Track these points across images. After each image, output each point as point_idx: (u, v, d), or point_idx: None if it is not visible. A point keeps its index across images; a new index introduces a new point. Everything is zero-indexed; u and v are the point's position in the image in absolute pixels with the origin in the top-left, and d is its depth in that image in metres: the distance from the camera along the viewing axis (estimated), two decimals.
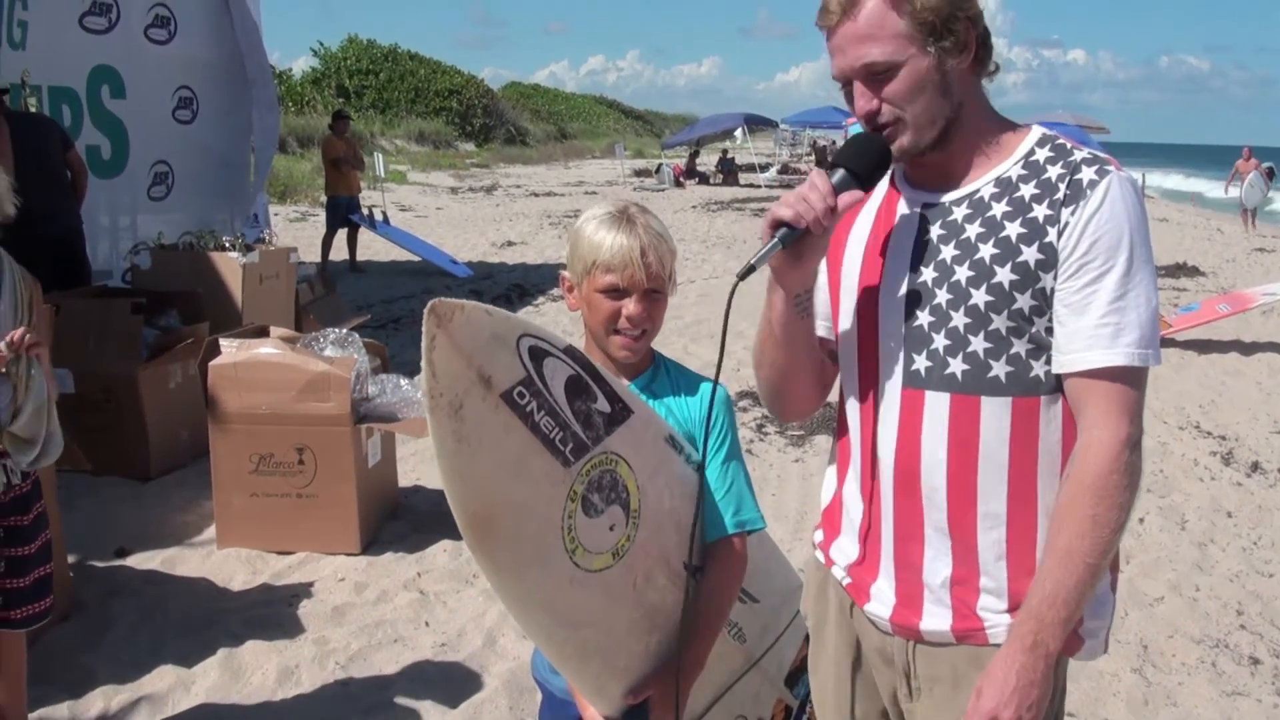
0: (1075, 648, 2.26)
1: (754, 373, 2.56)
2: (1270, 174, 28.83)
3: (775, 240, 2.18)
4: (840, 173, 2.21)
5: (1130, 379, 2.12)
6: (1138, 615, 5.54)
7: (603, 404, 2.33)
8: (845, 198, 2.19)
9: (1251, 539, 6.70)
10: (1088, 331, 2.11)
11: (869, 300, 2.31)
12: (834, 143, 52.36)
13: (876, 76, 2.16)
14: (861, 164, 2.22)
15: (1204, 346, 12.02)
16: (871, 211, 2.37)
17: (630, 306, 2.55)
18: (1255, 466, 8.07)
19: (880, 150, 2.23)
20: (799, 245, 2.19)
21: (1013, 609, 2.22)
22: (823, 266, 2.42)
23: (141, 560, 5.85)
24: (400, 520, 6.49)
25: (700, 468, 2.58)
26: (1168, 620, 5.52)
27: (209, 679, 4.67)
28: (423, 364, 2.05)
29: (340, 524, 5.96)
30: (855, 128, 2.30)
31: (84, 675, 4.66)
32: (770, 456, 7.93)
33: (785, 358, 2.45)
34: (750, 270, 2.20)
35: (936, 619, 2.29)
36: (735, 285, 2.28)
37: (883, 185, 2.35)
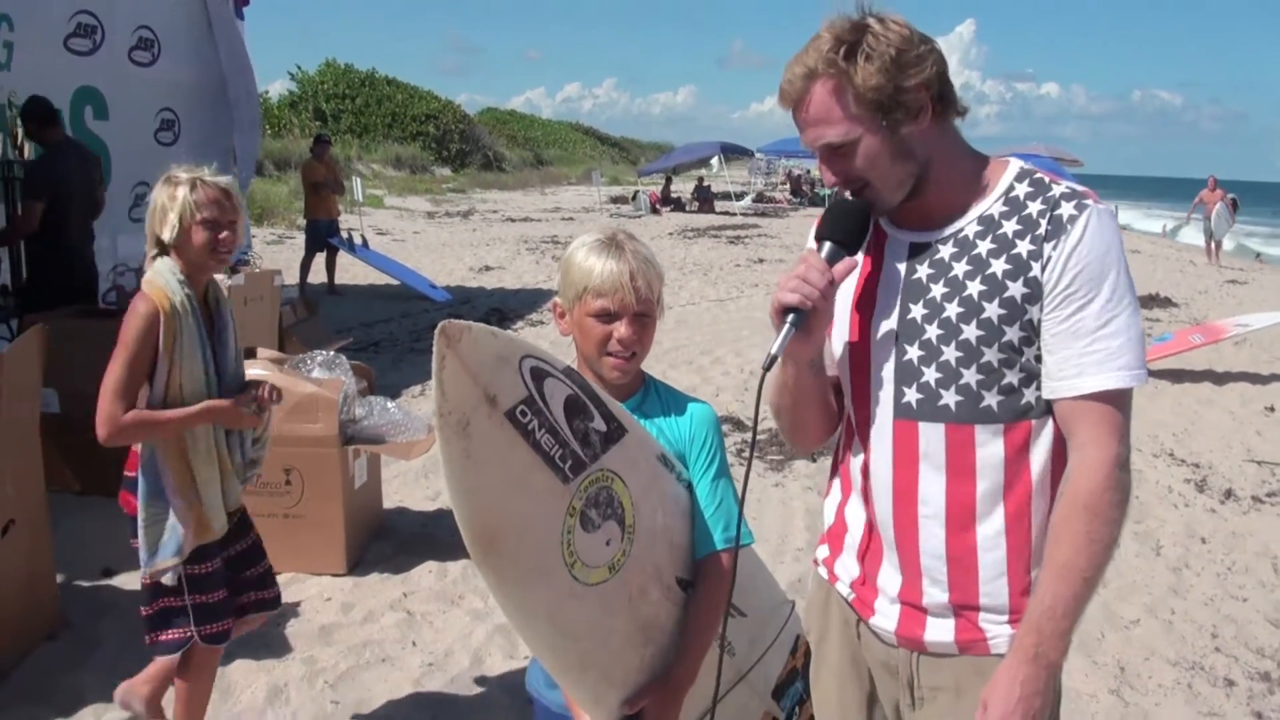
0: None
1: (772, 417, 2.66)
2: (1234, 205, 28.37)
3: (789, 326, 2.28)
4: (828, 246, 2.34)
5: (1118, 401, 2.22)
6: (1115, 638, 5.63)
7: (599, 423, 2.40)
8: (840, 268, 2.32)
9: (1225, 564, 6.80)
10: (1076, 358, 2.21)
11: (862, 337, 2.42)
12: (808, 171, 52.66)
13: (836, 153, 2.27)
14: (846, 234, 2.34)
15: (1177, 376, 12.16)
16: (861, 253, 2.46)
17: (621, 329, 2.62)
18: (1228, 494, 8.19)
19: (860, 216, 2.35)
20: (807, 323, 2.30)
21: (1013, 621, 2.32)
22: None
23: (128, 580, 5.84)
24: (385, 541, 6.53)
25: (690, 486, 2.66)
26: (1144, 643, 5.61)
27: None
28: (434, 383, 2.11)
29: (327, 544, 6.00)
30: None
31: (73, 694, 4.68)
32: (750, 480, 7.96)
33: (804, 409, 2.57)
34: (774, 361, 2.32)
35: (940, 631, 2.39)
36: (763, 377, 2.39)
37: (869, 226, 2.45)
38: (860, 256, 2.43)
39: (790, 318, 2.28)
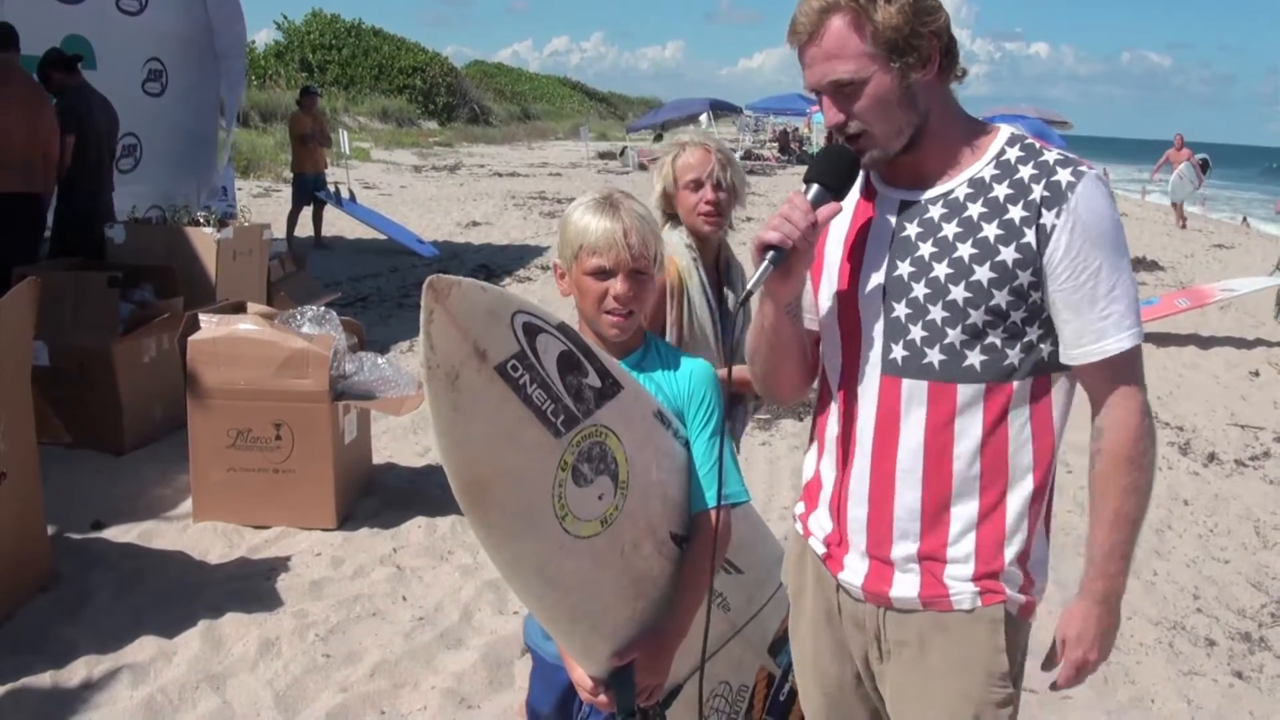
0: (1029, 613, 2.47)
1: (747, 365, 2.70)
2: (1204, 166, 27.09)
3: (766, 263, 2.33)
4: (815, 188, 2.37)
5: (1134, 356, 2.33)
6: None
7: (594, 379, 2.43)
8: (824, 211, 2.35)
9: (1207, 526, 6.88)
10: (1094, 324, 2.28)
11: (849, 293, 2.45)
12: (796, 129, 52.51)
13: (843, 91, 2.29)
14: (833, 178, 2.38)
15: (1163, 340, 12.24)
16: (849, 209, 2.50)
17: (617, 286, 2.67)
18: (1212, 457, 8.27)
19: (849, 162, 2.37)
20: (787, 262, 2.34)
21: (978, 578, 2.40)
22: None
23: (118, 533, 5.90)
24: (374, 496, 6.56)
25: (687, 443, 2.70)
26: (1127, 602, 5.56)
27: (190, 650, 4.73)
28: (421, 336, 2.14)
29: (317, 499, 6.03)
30: (817, 116, 2.43)
31: (65, 646, 4.71)
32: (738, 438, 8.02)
33: (779, 356, 2.61)
34: (749, 295, 2.39)
35: (905, 587, 2.45)
36: (738, 307, 2.44)
37: (860, 182, 2.49)
38: (853, 199, 2.48)
39: (769, 255, 2.33)
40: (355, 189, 19.62)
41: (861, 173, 2.46)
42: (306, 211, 16.97)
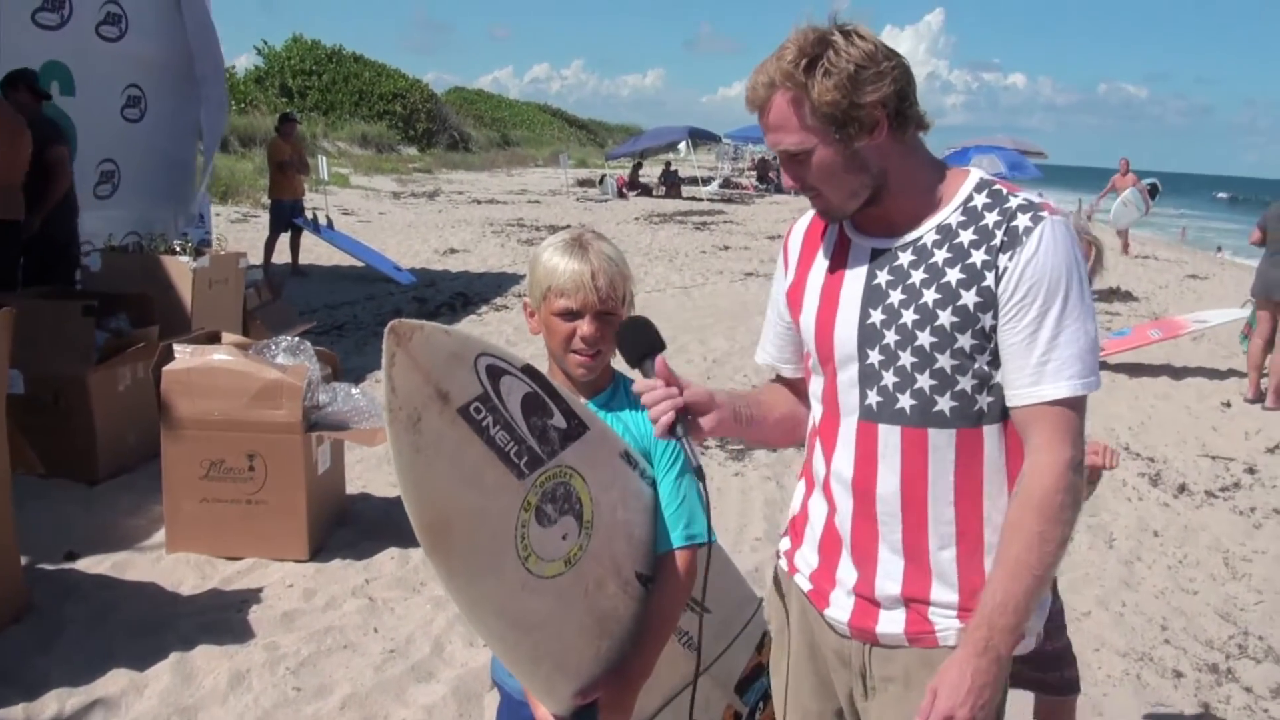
0: (1012, 649, 2.42)
1: None
2: (1152, 191, 26.54)
3: (681, 436, 2.46)
4: (643, 365, 2.52)
5: (1072, 406, 2.31)
6: (1066, 629, 5.72)
7: (559, 420, 2.45)
8: (659, 369, 2.48)
9: (1177, 557, 6.93)
10: (1033, 368, 2.29)
11: (827, 341, 2.50)
12: (775, 158, 52.58)
13: (793, 159, 2.38)
14: (643, 347, 2.53)
15: (1135, 370, 12.33)
16: (825, 257, 2.56)
17: (584, 328, 2.68)
18: (1182, 488, 8.32)
19: (639, 325, 2.57)
20: (690, 417, 2.48)
21: (961, 615, 2.41)
22: (787, 311, 2.66)
23: (91, 564, 5.88)
24: (348, 527, 6.56)
25: (654, 483, 2.72)
26: (1095, 634, 5.72)
27: (161, 682, 4.73)
28: (383, 379, 2.16)
29: (289, 530, 6.03)
30: None
31: (38, 677, 4.70)
32: (710, 469, 8.04)
33: (757, 438, 2.80)
34: (698, 469, 2.54)
35: (891, 624, 2.48)
36: (700, 479, 2.60)
37: (834, 230, 2.56)
38: (829, 248, 2.55)
39: (678, 430, 2.44)
40: (334, 215, 19.65)
41: (838, 222, 2.53)
42: (284, 238, 16.97)
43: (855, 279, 2.47)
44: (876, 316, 2.41)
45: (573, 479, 2.47)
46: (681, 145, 46.32)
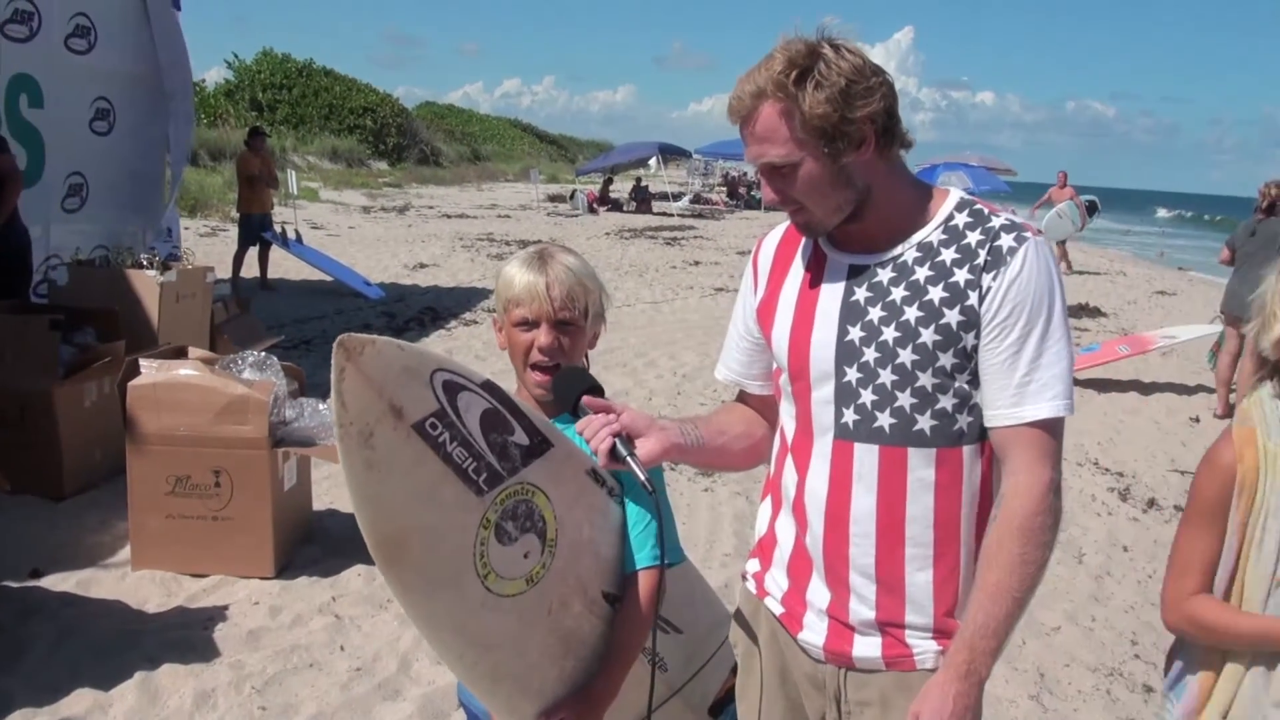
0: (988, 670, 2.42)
1: None
2: (1090, 208, 25.91)
3: (627, 459, 2.48)
4: (579, 406, 2.57)
5: (1051, 428, 2.30)
6: (1035, 644, 5.73)
7: (521, 437, 2.43)
8: (595, 404, 2.54)
9: (1147, 572, 6.94)
10: (1013, 389, 2.29)
11: (801, 357, 2.47)
12: (745, 174, 52.82)
13: (777, 173, 2.34)
14: (577, 392, 2.59)
15: (1104, 386, 12.39)
16: (800, 272, 2.53)
17: (540, 337, 2.69)
18: (1151, 503, 8.35)
19: (580, 374, 2.64)
20: (629, 441, 2.49)
21: (938, 637, 2.40)
22: (757, 327, 2.64)
23: (56, 581, 5.81)
24: (314, 544, 6.51)
25: (623, 501, 2.69)
26: (1064, 649, 5.72)
27: (126, 702, 4.67)
28: (332, 394, 2.14)
29: (255, 547, 5.98)
30: None
31: (2, 697, 4.64)
32: (680, 485, 8.04)
33: (716, 464, 2.85)
34: (651, 489, 2.50)
35: (867, 647, 2.46)
36: (654, 497, 2.56)
37: (809, 245, 2.54)
38: (802, 264, 2.54)
39: (619, 452, 2.46)
40: (303, 230, 19.54)
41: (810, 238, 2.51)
42: (253, 252, 16.87)
43: (832, 295, 2.44)
44: (855, 333, 2.39)
45: (535, 496, 2.45)
46: (652, 161, 46.42)
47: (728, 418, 2.80)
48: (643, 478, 2.44)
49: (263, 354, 6.30)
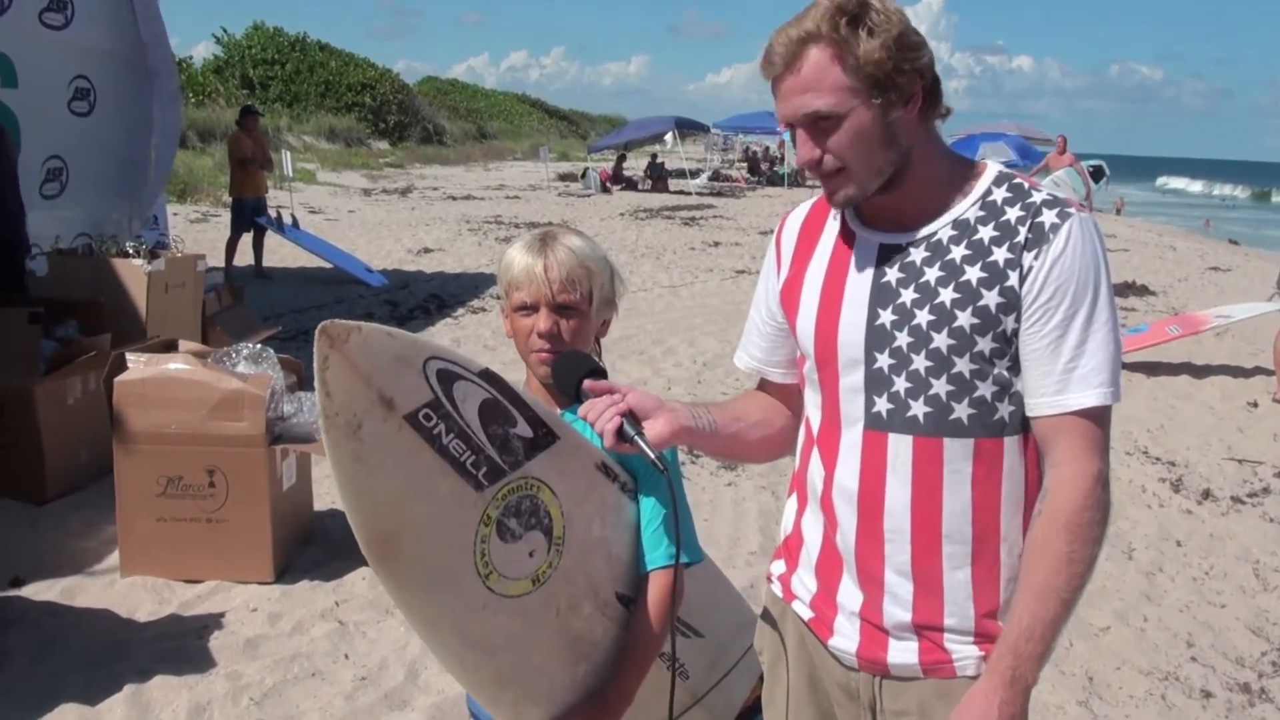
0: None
1: None
2: (1096, 174, 25.78)
3: (636, 440, 2.43)
4: (582, 391, 2.52)
5: (1098, 417, 2.27)
6: (1083, 646, 5.70)
7: (523, 429, 2.42)
8: (599, 386, 2.49)
9: (1202, 569, 6.89)
10: (1058, 375, 2.25)
11: (828, 344, 2.44)
12: (766, 148, 52.77)
13: (819, 126, 2.28)
14: (580, 373, 2.54)
15: (1153, 369, 12.31)
16: (826, 252, 2.50)
17: (539, 322, 2.70)
18: (1206, 494, 8.29)
19: (583, 358, 2.60)
20: (637, 421, 2.45)
21: (979, 642, 2.37)
22: (780, 311, 2.61)
23: (38, 590, 5.82)
24: (315, 546, 6.51)
25: (636, 496, 2.68)
26: (1115, 651, 5.68)
27: (114, 717, 4.67)
28: (316, 384, 2.14)
29: (253, 550, 5.98)
30: (789, 134, 2.43)
31: None
32: (702, 480, 8.03)
33: (733, 454, 2.79)
34: (662, 461, 2.47)
35: (904, 653, 2.42)
36: (668, 481, 2.53)
37: (835, 224, 2.51)
38: (829, 243, 2.50)
39: (626, 432, 2.42)
40: (299, 214, 19.59)
41: (838, 215, 2.49)
42: (246, 239, 16.92)
43: (861, 276, 2.41)
44: (886, 317, 2.36)
45: (540, 491, 2.44)
46: (668, 136, 46.38)
47: (745, 405, 2.77)
48: (653, 456, 2.41)
49: (258, 346, 6.30)
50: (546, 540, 2.46)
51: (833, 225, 2.51)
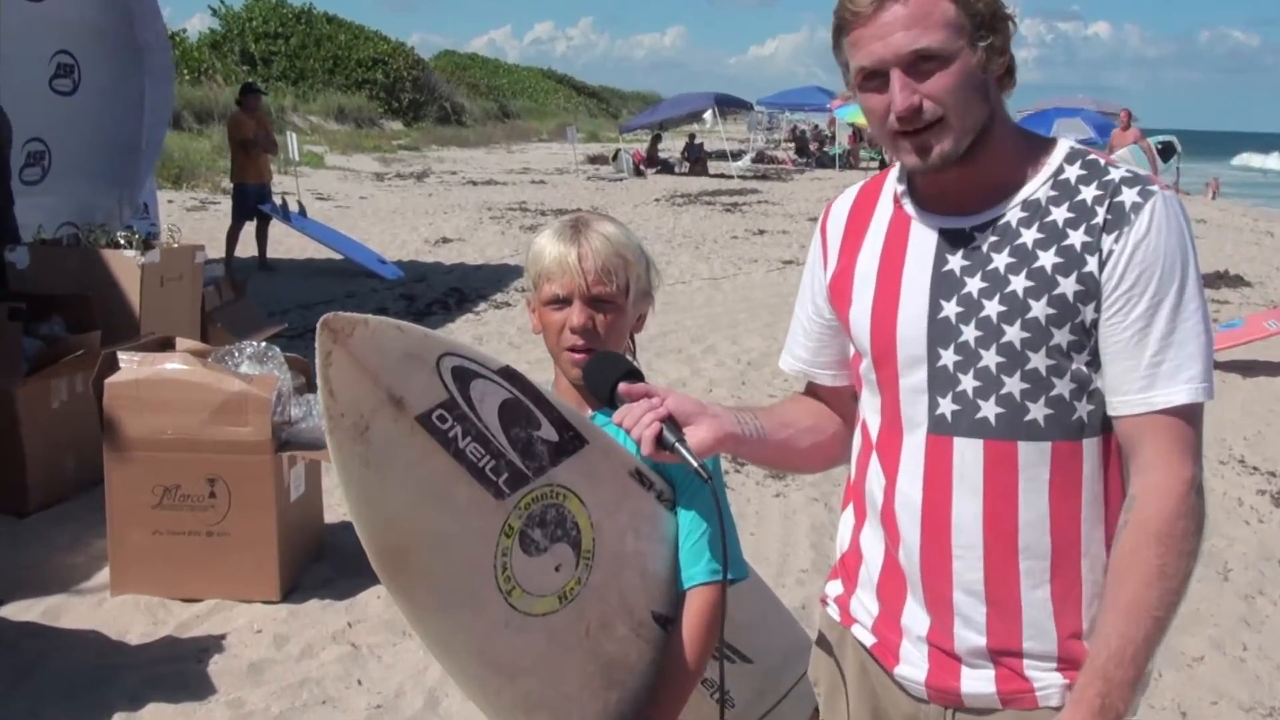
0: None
1: None
2: (1165, 152, 25.55)
3: (676, 448, 2.41)
4: (617, 393, 2.50)
5: (1189, 416, 2.22)
6: (1174, 677, 5.63)
7: (548, 431, 2.40)
8: (635, 389, 2.47)
9: None
10: (1143, 370, 2.20)
11: (886, 340, 2.40)
12: (816, 127, 52.68)
13: (921, 68, 2.22)
14: (616, 376, 2.52)
15: (1249, 368, 12.21)
16: (879, 239, 2.46)
17: (573, 317, 2.68)
18: None
19: (615, 359, 2.58)
20: (677, 428, 2.42)
21: (1062, 668, 2.32)
22: (829, 307, 2.58)
23: (19, 610, 5.84)
24: (326, 562, 6.53)
25: (675, 507, 2.66)
26: (1210, 683, 5.62)
27: None
28: (318, 382, 2.13)
29: (257, 566, 5.99)
30: (843, 111, 2.40)
31: None
32: (747, 490, 8.01)
33: (780, 463, 2.82)
34: (705, 469, 2.43)
35: (979, 681, 2.38)
36: (712, 489, 2.51)
37: (888, 208, 2.47)
38: (880, 230, 2.47)
39: (666, 438, 2.39)
40: (306, 201, 19.64)
41: (890, 198, 2.46)
42: (249, 228, 17.01)
43: (920, 264, 2.37)
44: (950, 309, 2.32)
45: (567, 500, 2.43)
46: (707, 114, 46.45)
47: (794, 409, 2.75)
48: (695, 464, 2.39)
49: (263, 344, 6.31)
50: (574, 553, 2.44)
51: (884, 210, 2.47)
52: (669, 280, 16.68)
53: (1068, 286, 2.23)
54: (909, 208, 2.43)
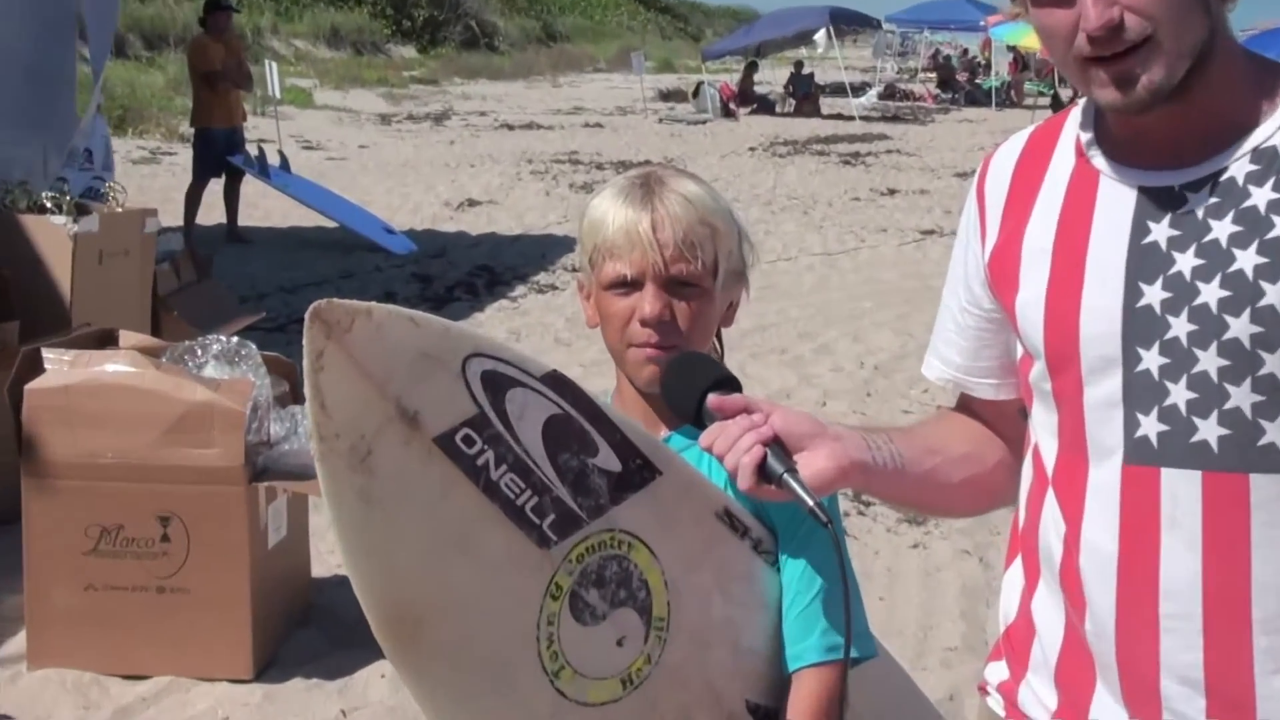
0: None
1: None
2: None
3: (786, 480, 2.33)
4: (710, 400, 2.43)
5: None
6: None
7: (608, 459, 2.36)
8: (730, 404, 2.41)
9: None
10: None
11: (1065, 336, 2.35)
12: (966, 52, 52.59)
13: None
14: (709, 380, 2.46)
15: None
16: (1054, 203, 2.41)
17: (645, 304, 2.62)
18: None
19: (704, 359, 2.56)
20: (785, 456, 2.36)
21: None
22: (989, 294, 2.53)
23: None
24: (314, 628, 6.55)
25: (777, 562, 2.63)
26: None
27: None
28: (306, 391, 2.08)
29: (224, 633, 6.00)
30: (1000, 31, 2.36)
31: None
32: (876, 540, 7.99)
33: (914, 500, 2.76)
34: (821, 508, 2.35)
35: None
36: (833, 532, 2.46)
37: (1067, 160, 2.42)
38: (1058, 191, 2.41)
39: (772, 468, 2.33)
40: (290, 151, 19.79)
41: (1074, 148, 2.41)
42: (215, 187, 17.11)
43: (1113, 235, 2.32)
44: (1153, 294, 2.26)
45: (633, 551, 2.38)
46: (819, 36, 46.48)
47: (943, 431, 2.72)
48: (811, 502, 2.32)
49: (234, 340, 6.34)
50: (643, 622, 2.40)
51: (1063, 164, 2.42)
52: (768, 256, 16.66)
53: None
54: (1098, 160, 2.37)
